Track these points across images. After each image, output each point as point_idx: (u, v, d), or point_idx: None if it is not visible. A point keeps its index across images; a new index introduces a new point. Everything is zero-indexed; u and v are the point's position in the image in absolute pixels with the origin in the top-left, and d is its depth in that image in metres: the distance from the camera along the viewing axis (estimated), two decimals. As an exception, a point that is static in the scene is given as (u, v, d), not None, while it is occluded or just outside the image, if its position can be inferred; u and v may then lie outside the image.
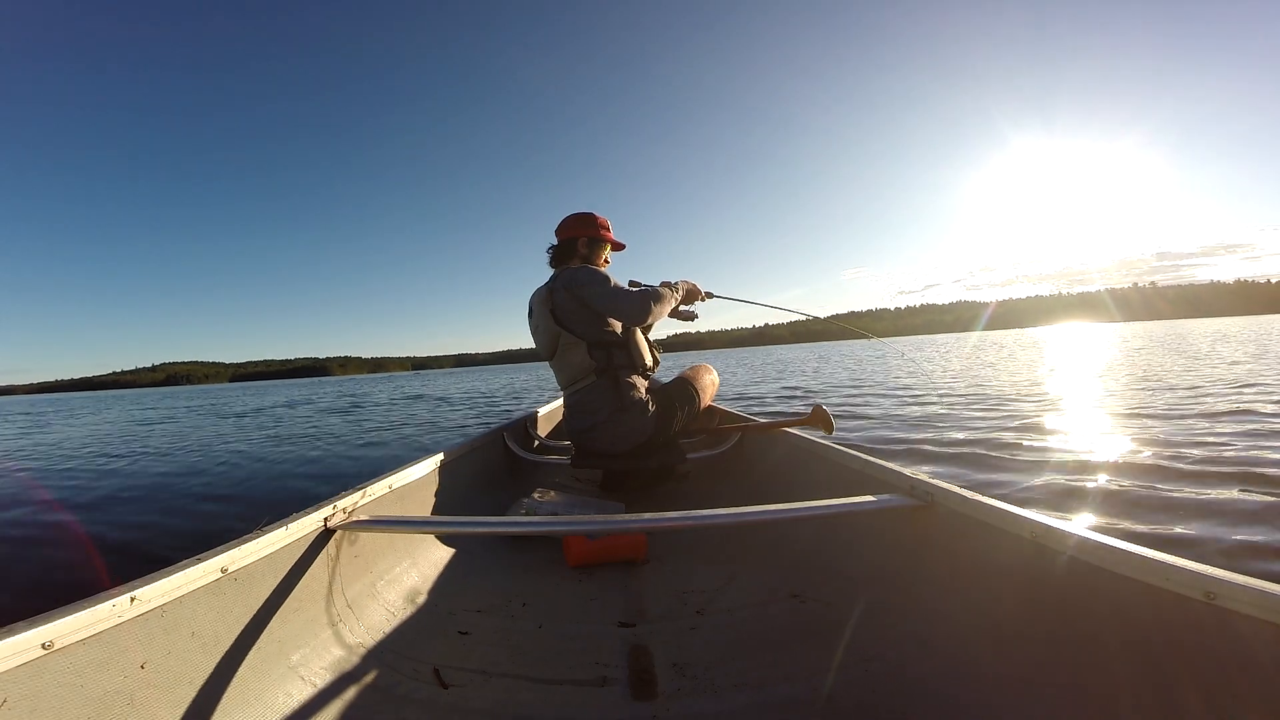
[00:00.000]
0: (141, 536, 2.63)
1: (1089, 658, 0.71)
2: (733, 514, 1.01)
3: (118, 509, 3.24)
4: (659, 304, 1.91)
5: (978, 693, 0.80)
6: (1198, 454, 2.84)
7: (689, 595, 1.25)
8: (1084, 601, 0.73)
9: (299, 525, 1.00)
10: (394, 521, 1.23)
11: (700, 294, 2.23)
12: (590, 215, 2.03)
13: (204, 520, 2.94)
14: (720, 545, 1.52)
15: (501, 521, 1.28)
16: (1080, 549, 0.73)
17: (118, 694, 0.67)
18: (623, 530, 1.39)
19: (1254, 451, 2.86)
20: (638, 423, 1.88)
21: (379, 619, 1.11)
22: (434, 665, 0.99)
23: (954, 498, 0.97)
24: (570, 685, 0.94)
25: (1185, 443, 3.13)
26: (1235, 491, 2.23)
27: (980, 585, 0.90)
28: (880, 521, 1.15)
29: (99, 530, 2.75)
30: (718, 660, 0.99)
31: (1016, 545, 0.83)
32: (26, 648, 0.59)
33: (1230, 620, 0.58)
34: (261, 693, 0.83)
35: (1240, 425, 3.54)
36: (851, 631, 1.02)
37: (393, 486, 1.34)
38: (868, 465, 1.28)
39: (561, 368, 1.99)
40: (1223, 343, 14.84)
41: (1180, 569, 0.63)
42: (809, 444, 1.64)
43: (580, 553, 1.45)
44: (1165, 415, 4.10)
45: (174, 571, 0.77)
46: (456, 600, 1.26)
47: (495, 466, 2.14)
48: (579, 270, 1.91)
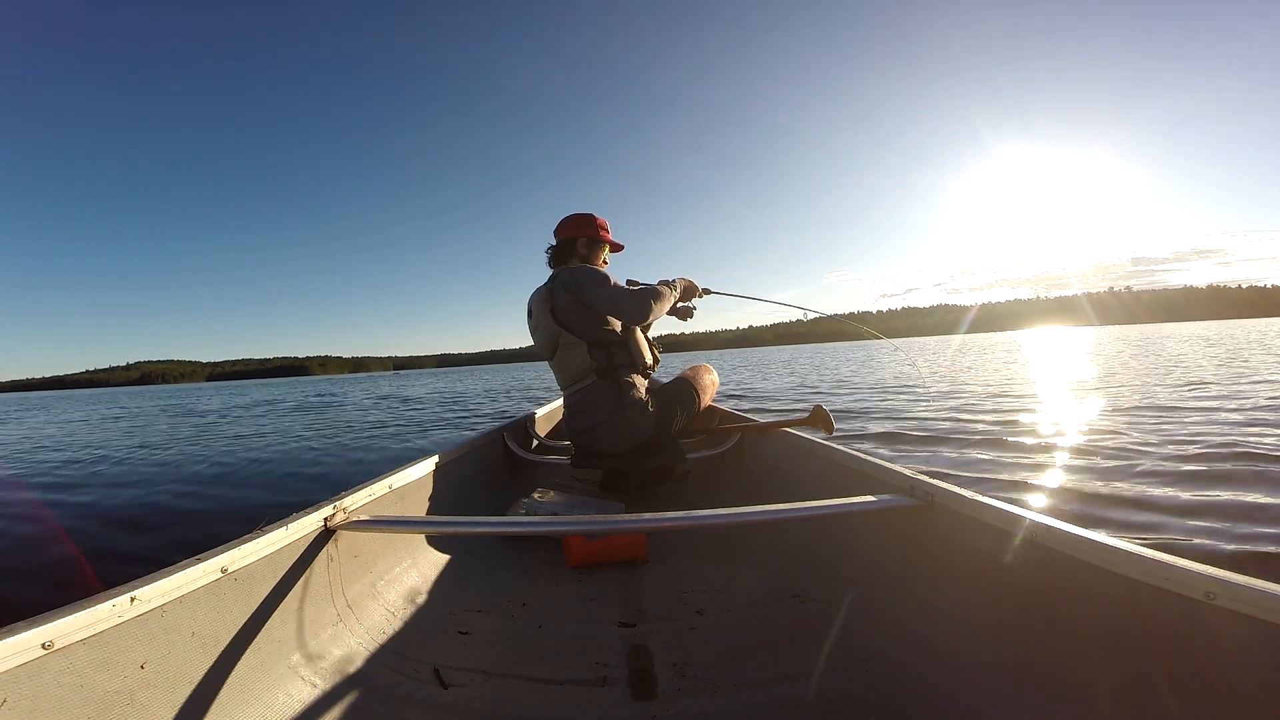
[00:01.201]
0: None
1: (1089, 657, 0.71)
2: (733, 514, 1.00)
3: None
4: (659, 302, 1.91)
5: (978, 692, 0.80)
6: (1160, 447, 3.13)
7: (689, 595, 1.25)
8: (1084, 601, 0.73)
9: (299, 525, 1.00)
10: (394, 521, 1.23)
11: (698, 290, 2.22)
12: (589, 216, 2.03)
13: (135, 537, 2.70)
14: (720, 545, 1.52)
15: (501, 521, 1.28)
16: (1081, 549, 0.73)
17: (118, 694, 0.67)
18: (623, 530, 1.39)
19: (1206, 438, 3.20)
20: (638, 423, 1.88)
21: (379, 619, 1.11)
22: (434, 665, 0.99)
23: (954, 498, 0.97)
24: (570, 685, 0.94)
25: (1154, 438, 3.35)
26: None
27: (980, 585, 0.90)
28: (880, 521, 1.15)
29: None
30: (718, 660, 0.99)
31: (1016, 545, 0.83)
32: (26, 648, 0.59)
33: (1230, 620, 0.58)
34: (261, 693, 0.83)
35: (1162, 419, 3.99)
36: (851, 631, 1.02)
37: (393, 486, 1.34)
38: (868, 465, 1.28)
39: (561, 367, 1.99)
40: (1189, 344, 15.46)
41: (1180, 569, 0.63)
42: (809, 444, 1.64)
43: (580, 553, 1.45)
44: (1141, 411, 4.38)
45: (174, 571, 0.77)
46: (456, 600, 1.26)
47: (495, 466, 2.14)
48: (579, 270, 1.91)
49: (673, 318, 2.22)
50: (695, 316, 2.28)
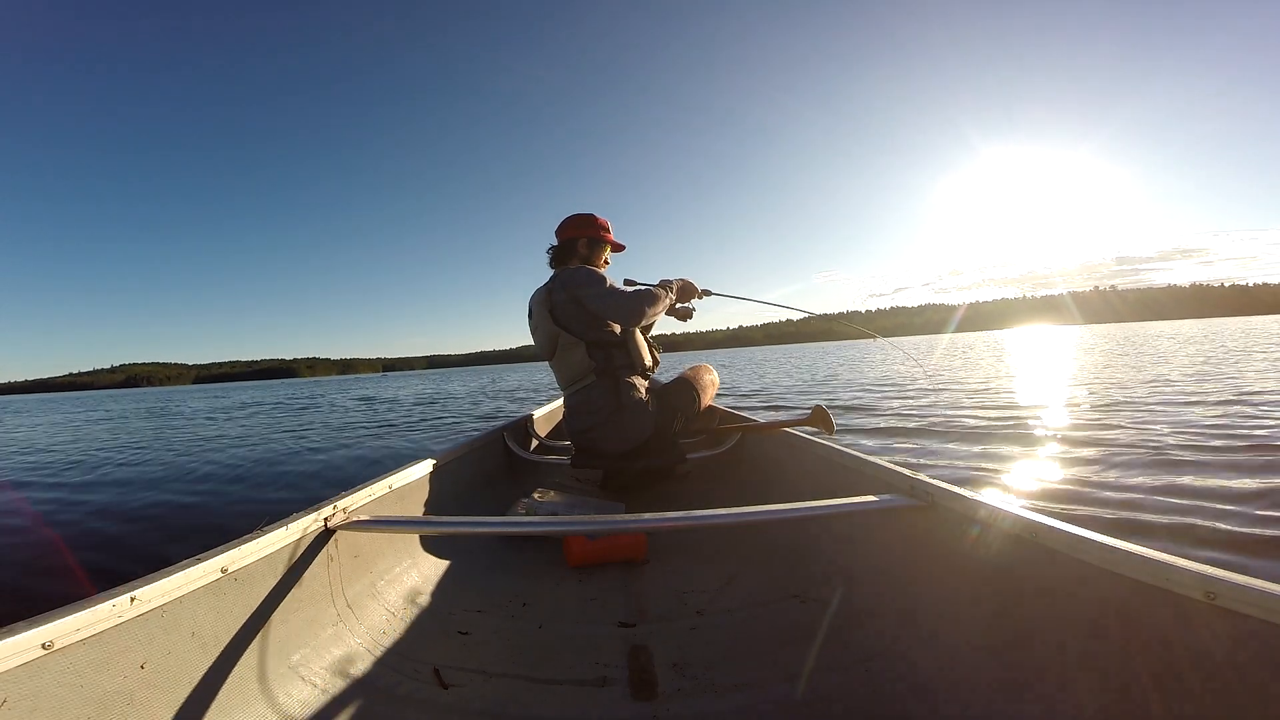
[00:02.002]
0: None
1: (1090, 657, 0.71)
2: (733, 514, 1.00)
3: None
4: (653, 305, 1.90)
5: (978, 692, 0.80)
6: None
7: (689, 595, 1.25)
8: (1085, 601, 0.73)
9: (299, 525, 1.00)
10: (394, 521, 1.23)
11: (697, 291, 2.20)
12: (591, 216, 2.03)
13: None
14: (720, 545, 1.52)
15: (501, 521, 1.28)
16: (1081, 549, 0.73)
17: (117, 694, 0.67)
18: (623, 530, 1.39)
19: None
20: (638, 423, 1.88)
21: (379, 619, 1.11)
22: (434, 665, 0.99)
23: (954, 498, 0.97)
24: (570, 685, 0.94)
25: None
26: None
27: (980, 585, 0.90)
28: (880, 521, 1.15)
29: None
30: (718, 660, 0.99)
31: (1017, 545, 0.83)
32: (26, 648, 0.59)
33: (1230, 620, 0.58)
34: (261, 693, 0.83)
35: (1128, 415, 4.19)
36: (851, 631, 1.02)
37: (393, 486, 1.34)
38: (868, 465, 1.28)
39: (561, 368, 1.99)
40: (1177, 342, 15.79)
41: (1180, 569, 0.63)
42: (809, 444, 1.64)
43: (580, 553, 1.45)
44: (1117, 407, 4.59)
45: (174, 571, 0.77)
46: (456, 600, 1.26)
47: (495, 467, 2.14)
48: (577, 271, 1.91)
49: (671, 318, 2.21)
50: (693, 317, 2.28)
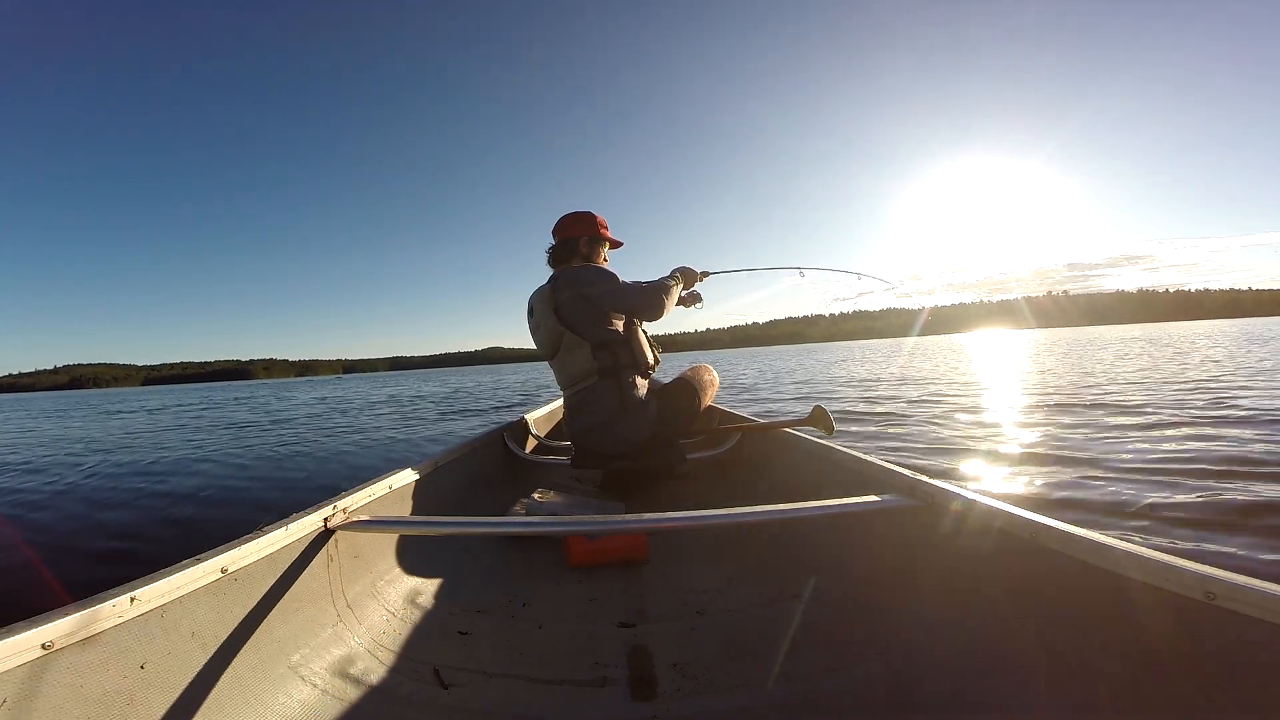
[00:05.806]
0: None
1: (1089, 657, 0.71)
2: (733, 514, 1.00)
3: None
4: (669, 296, 1.92)
5: (978, 692, 0.80)
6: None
7: (689, 595, 1.25)
8: (1084, 601, 0.73)
9: (299, 525, 1.00)
10: (394, 521, 1.23)
11: (697, 275, 2.19)
12: (589, 214, 2.03)
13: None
14: (720, 545, 1.52)
15: (501, 521, 1.28)
16: (1081, 549, 0.73)
17: (117, 694, 0.67)
18: (623, 530, 1.39)
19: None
20: (638, 423, 1.88)
21: (379, 619, 1.11)
22: (434, 665, 0.99)
23: (954, 498, 0.97)
24: (570, 685, 0.94)
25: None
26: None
27: (979, 585, 0.90)
28: (880, 522, 1.15)
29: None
30: (718, 660, 0.99)
31: (1016, 546, 0.83)
32: (26, 648, 0.59)
33: (1230, 620, 0.58)
34: (261, 693, 0.83)
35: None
36: (851, 631, 1.02)
37: (393, 486, 1.34)
38: (867, 465, 1.28)
39: (563, 367, 1.99)
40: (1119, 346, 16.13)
41: (1180, 569, 0.63)
42: (809, 444, 1.64)
43: (581, 553, 1.45)
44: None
45: (174, 572, 0.77)
46: (456, 600, 1.26)
47: (495, 467, 2.14)
48: (586, 269, 1.91)
49: (681, 307, 2.21)
50: (703, 301, 2.26)
